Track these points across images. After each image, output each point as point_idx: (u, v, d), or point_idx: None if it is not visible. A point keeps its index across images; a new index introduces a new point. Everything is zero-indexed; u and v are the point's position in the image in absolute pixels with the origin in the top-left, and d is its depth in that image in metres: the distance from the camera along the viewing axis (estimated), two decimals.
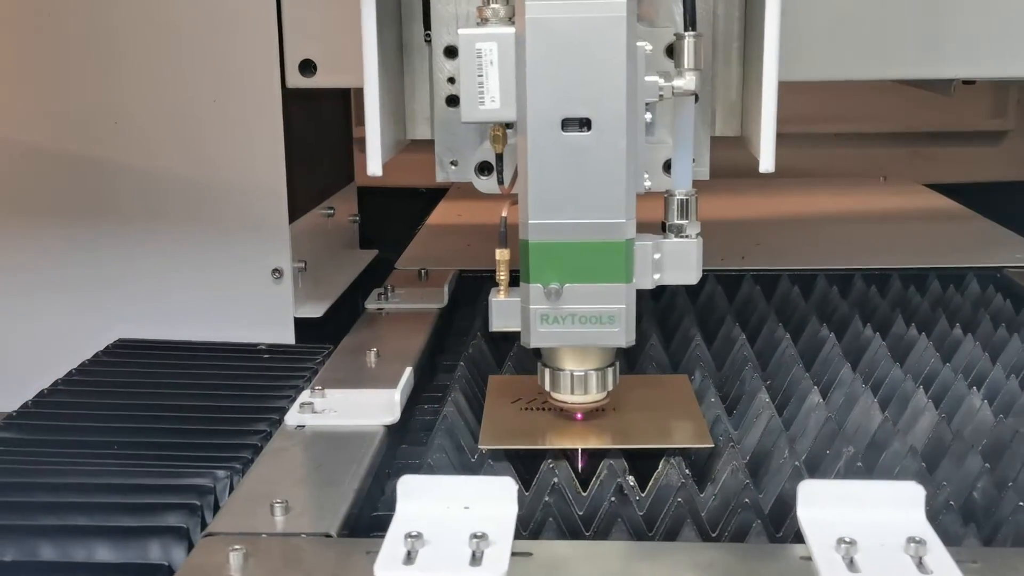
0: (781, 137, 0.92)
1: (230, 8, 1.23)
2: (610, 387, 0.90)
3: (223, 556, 0.69)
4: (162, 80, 1.25)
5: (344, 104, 1.62)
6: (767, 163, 0.86)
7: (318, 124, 1.45)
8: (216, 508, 0.82)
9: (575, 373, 0.88)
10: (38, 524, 0.79)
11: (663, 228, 0.88)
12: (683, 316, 1.23)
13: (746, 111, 0.95)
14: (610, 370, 0.89)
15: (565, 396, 0.89)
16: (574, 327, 0.85)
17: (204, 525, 0.78)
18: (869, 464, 0.88)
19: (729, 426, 0.95)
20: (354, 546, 0.73)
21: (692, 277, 0.88)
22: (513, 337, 1.16)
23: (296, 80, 1.23)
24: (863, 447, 0.91)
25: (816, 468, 0.88)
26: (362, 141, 0.93)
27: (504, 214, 0.87)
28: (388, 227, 1.73)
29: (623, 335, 0.85)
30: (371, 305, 1.29)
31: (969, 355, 1.10)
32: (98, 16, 1.24)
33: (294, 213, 1.30)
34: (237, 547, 0.70)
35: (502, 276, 0.89)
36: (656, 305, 1.30)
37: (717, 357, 1.14)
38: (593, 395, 0.89)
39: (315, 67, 1.23)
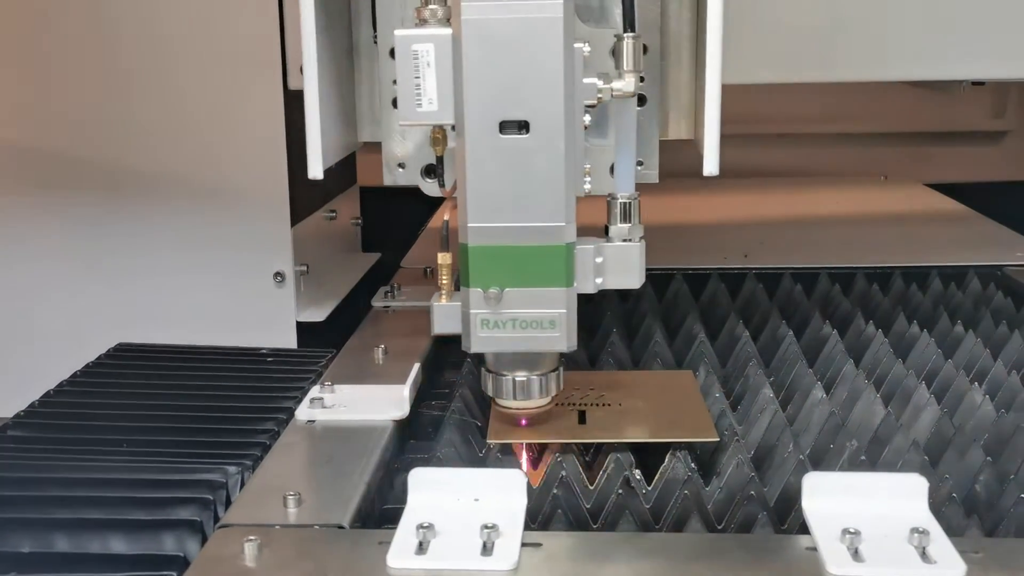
0: (781, 137, 0.92)
1: (232, 9, 1.23)
2: (553, 392, 0.89)
3: (238, 547, 0.70)
4: (163, 82, 1.25)
5: None
6: (711, 166, 0.85)
7: None
8: (228, 503, 0.83)
9: (517, 378, 0.87)
10: (54, 517, 0.79)
11: (605, 232, 0.87)
12: (686, 313, 1.24)
13: (698, 113, 0.94)
14: (553, 375, 0.88)
15: (508, 402, 0.89)
16: (515, 332, 0.83)
17: (217, 519, 0.79)
18: (872, 458, 0.89)
19: (733, 421, 0.96)
20: (366, 537, 0.74)
21: (635, 281, 0.87)
22: None
23: (298, 82, 1.22)
24: (866, 441, 0.92)
25: (820, 462, 0.89)
26: (366, 143, 0.93)
27: (446, 217, 0.86)
28: (390, 229, 1.73)
29: (564, 339, 0.84)
30: (378, 303, 1.30)
31: (970, 352, 1.11)
32: (98, 17, 1.24)
33: (296, 216, 1.30)
34: (252, 538, 0.71)
35: (444, 280, 0.88)
36: (660, 303, 1.31)
37: (721, 354, 1.15)
38: (536, 400, 0.88)
39: None
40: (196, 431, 0.96)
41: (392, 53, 0.92)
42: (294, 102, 1.26)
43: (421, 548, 0.70)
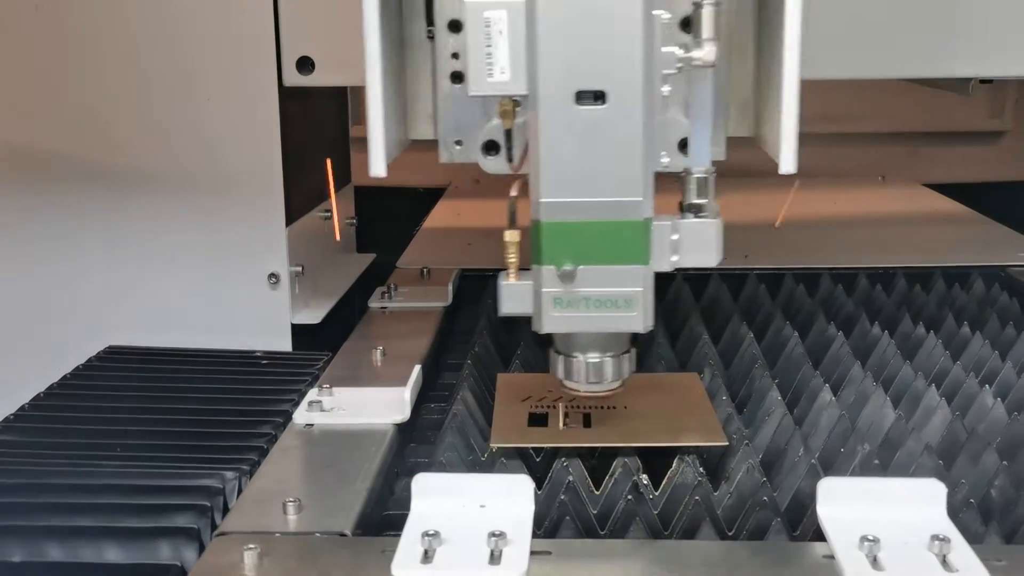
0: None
1: (225, 3, 1.20)
2: (627, 375, 0.86)
3: (237, 555, 0.68)
4: (155, 79, 1.22)
5: (341, 103, 1.60)
6: (787, 164, 0.82)
7: (315, 123, 1.43)
8: (225, 509, 0.81)
9: (590, 360, 0.85)
10: (46, 525, 0.77)
11: (680, 208, 0.83)
12: (689, 314, 1.22)
13: (760, 111, 0.93)
14: (626, 357, 0.85)
15: (579, 385, 0.86)
16: (589, 311, 0.80)
17: (214, 526, 0.77)
18: (884, 462, 0.87)
19: (741, 424, 0.94)
20: (369, 545, 0.71)
21: (712, 259, 0.83)
22: (519, 336, 1.17)
23: (293, 78, 1.20)
24: (877, 445, 0.90)
25: (831, 466, 0.87)
26: (360, 141, 0.90)
27: (513, 193, 0.82)
28: (384, 228, 1.71)
29: (640, 319, 0.80)
30: (374, 304, 1.28)
31: (978, 353, 1.09)
32: (89, 13, 1.21)
33: (291, 215, 1.27)
34: (252, 546, 0.68)
35: (511, 258, 0.83)
36: (661, 303, 1.29)
37: (725, 355, 1.13)
38: (607, 383, 0.86)
39: (313, 64, 1.19)
40: (191, 435, 0.94)
41: (451, 25, 0.89)
42: (289, 99, 1.24)
43: (427, 556, 0.68)
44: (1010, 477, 0.83)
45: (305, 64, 1.20)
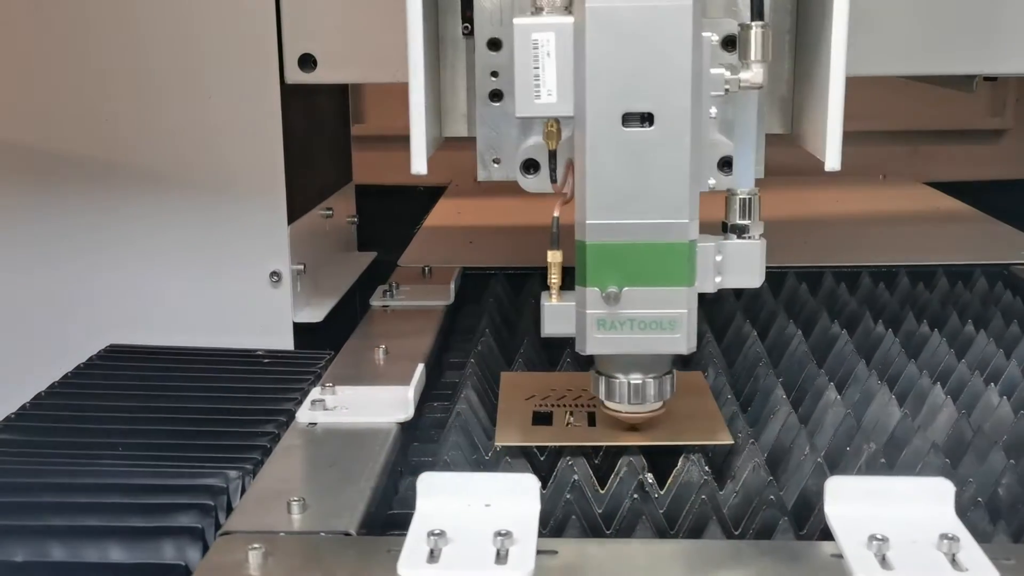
0: (776, 137, 0.90)
1: (227, 1, 1.20)
2: (668, 396, 0.86)
3: (242, 555, 0.68)
4: (156, 76, 1.22)
5: (342, 101, 1.60)
6: (833, 161, 0.82)
7: (316, 121, 1.43)
8: (229, 509, 0.80)
9: (632, 381, 0.84)
10: (48, 525, 0.77)
11: (724, 228, 0.84)
12: None
13: (799, 108, 0.92)
14: (667, 378, 0.85)
15: (620, 406, 0.86)
16: (633, 333, 0.80)
17: (218, 526, 0.77)
18: (890, 460, 0.87)
19: (746, 423, 0.94)
20: (375, 544, 0.71)
21: (755, 280, 0.83)
22: (521, 335, 1.16)
23: (295, 76, 1.20)
24: (883, 443, 0.90)
25: (837, 465, 0.87)
26: (361, 138, 0.89)
27: (556, 214, 0.82)
28: (385, 227, 1.71)
29: (684, 341, 0.80)
30: (376, 302, 1.27)
31: (983, 351, 1.09)
32: (90, 11, 1.21)
33: (293, 214, 1.27)
34: (256, 546, 0.68)
35: (554, 279, 0.83)
36: None
37: (729, 354, 1.13)
38: (651, 404, 0.85)
39: (315, 62, 1.19)
40: (193, 434, 0.93)
41: (490, 44, 0.89)
42: (290, 97, 1.24)
43: (433, 556, 0.67)
44: (1017, 476, 0.82)
45: (307, 61, 1.20)
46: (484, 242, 1.59)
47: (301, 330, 1.28)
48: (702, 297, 1.28)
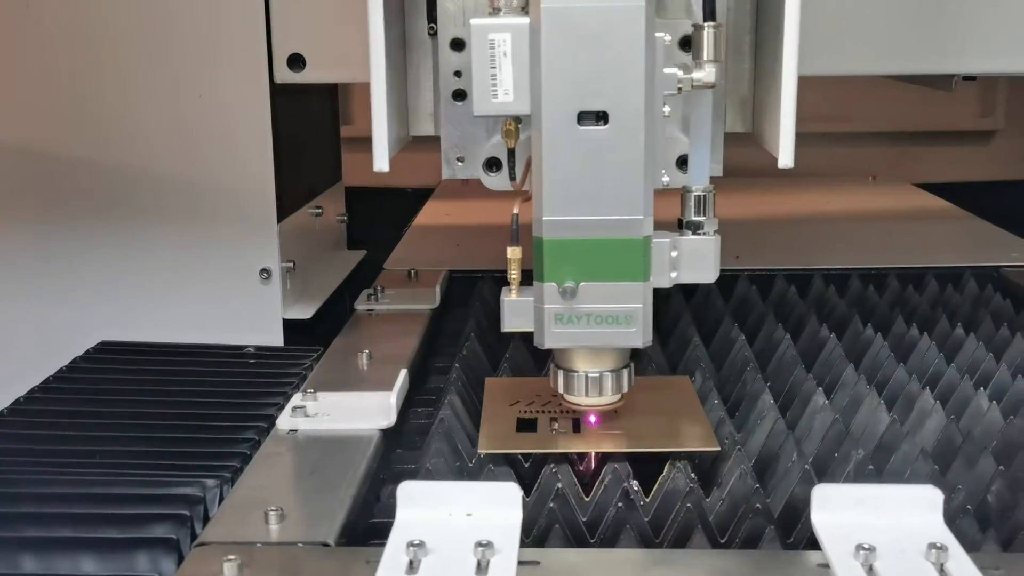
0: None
1: (216, 1, 1.19)
2: (625, 389, 0.87)
3: (217, 566, 0.66)
4: (146, 75, 1.21)
5: (331, 100, 1.60)
6: (786, 158, 0.83)
7: (306, 121, 1.43)
8: (206, 519, 0.79)
9: (590, 374, 0.86)
10: (21, 536, 0.75)
11: (679, 225, 0.86)
12: (679, 316, 1.21)
13: (759, 107, 0.92)
14: (625, 371, 0.87)
15: (579, 399, 0.87)
16: (590, 327, 0.82)
17: (194, 536, 0.75)
18: (879, 467, 0.86)
19: (733, 429, 0.92)
20: (353, 555, 0.70)
21: (710, 275, 0.86)
22: (507, 339, 1.15)
23: (284, 75, 1.20)
24: (871, 449, 0.89)
25: (825, 472, 0.86)
26: (350, 140, 0.89)
27: (515, 211, 0.84)
28: (374, 227, 1.70)
29: (639, 335, 0.82)
30: (361, 306, 1.26)
31: (972, 355, 1.08)
32: (79, 11, 1.20)
33: (282, 212, 1.27)
34: (231, 557, 0.67)
35: (514, 275, 0.86)
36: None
37: (716, 358, 1.12)
38: (608, 397, 0.87)
39: (304, 61, 1.20)
40: (173, 441, 0.92)
41: (453, 44, 0.92)
42: (280, 96, 1.23)
43: (412, 567, 0.66)
44: (1007, 482, 0.81)
45: (296, 61, 1.20)
46: (471, 244, 1.58)
47: (291, 327, 1.28)
48: (690, 299, 1.29)
